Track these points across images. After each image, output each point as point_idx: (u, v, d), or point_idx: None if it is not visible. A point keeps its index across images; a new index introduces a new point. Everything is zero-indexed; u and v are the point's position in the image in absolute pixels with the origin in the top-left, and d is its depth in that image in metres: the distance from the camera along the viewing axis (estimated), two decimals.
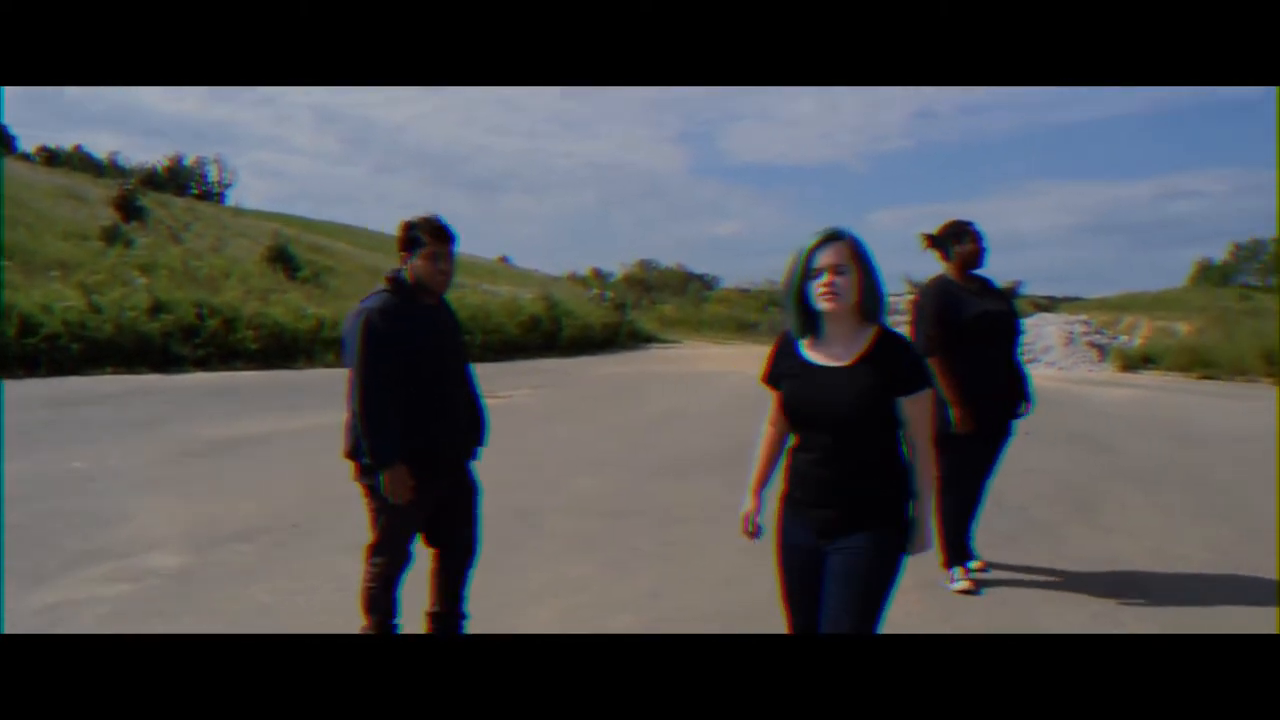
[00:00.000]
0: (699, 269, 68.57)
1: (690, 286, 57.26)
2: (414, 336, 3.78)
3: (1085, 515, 7.13)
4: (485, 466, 4.20)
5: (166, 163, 63.84)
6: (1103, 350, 24.44)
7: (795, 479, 2.96)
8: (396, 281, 3.86)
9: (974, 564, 5.59)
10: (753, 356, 24.86)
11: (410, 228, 3.83)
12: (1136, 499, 7.73)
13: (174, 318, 16.46)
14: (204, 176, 64.34)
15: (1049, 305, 53.77)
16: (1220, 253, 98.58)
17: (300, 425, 10.41)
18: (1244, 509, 7.43)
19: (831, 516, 2.86)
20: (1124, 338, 29.75)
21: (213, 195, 60.54)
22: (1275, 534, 6.47)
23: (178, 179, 60.25)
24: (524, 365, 20.01)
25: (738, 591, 5.23)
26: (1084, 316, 31.21)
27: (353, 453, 3.87)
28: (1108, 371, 22.30)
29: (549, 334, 24.10)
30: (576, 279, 56.21)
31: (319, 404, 12.26)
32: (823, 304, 2.81)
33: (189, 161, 64.92)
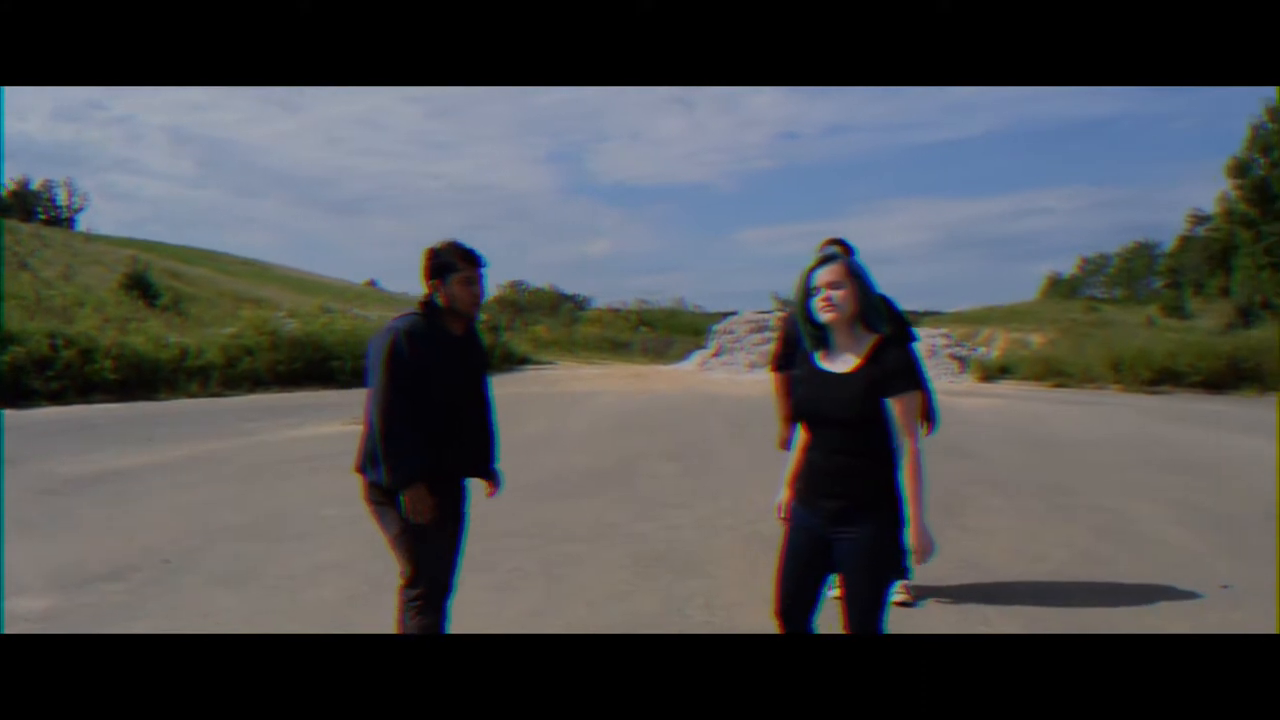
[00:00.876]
0: (571, 289, 68.56)
1: (563, 307, 57.18)
2: (438, 362, 3.73)
3: (950, 519, 7.43)
4: (354, 496, 4.15)
5: (11, 186, 60.84)
6: (963, 362, 25.39)
7: (805, 472, 3.32)
8: (429, 305, 3.82)
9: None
10: (627, 376, 25.02)
11: (438, 254, 3.78)
12: (997, 502, 8.10)
13: (25, 350, 15.72)
14: (52, 200, 61.50)
15: (912, 319, 55.39)
16: (1069, 267, 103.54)
17: (165, 458, 10.08)
18: (1096, 510, 7.87)
19: (837, 506, 3.17)
20: (982, 349, 31.00)
21: (62, 220, 57.95)
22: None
23: (24, 203, 57.41)
24: None
25: (623, 607, 5.30)
26: (944, 330, 32.34)
27: (364, 468, 3.76)
28: (968, 382, 23.21)
29: None
30: None
31: (183, 435, 11.91)
32: (824, 316, 3.20)
33: (36, 185, 61.99)
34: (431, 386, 3.71)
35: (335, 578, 5.81)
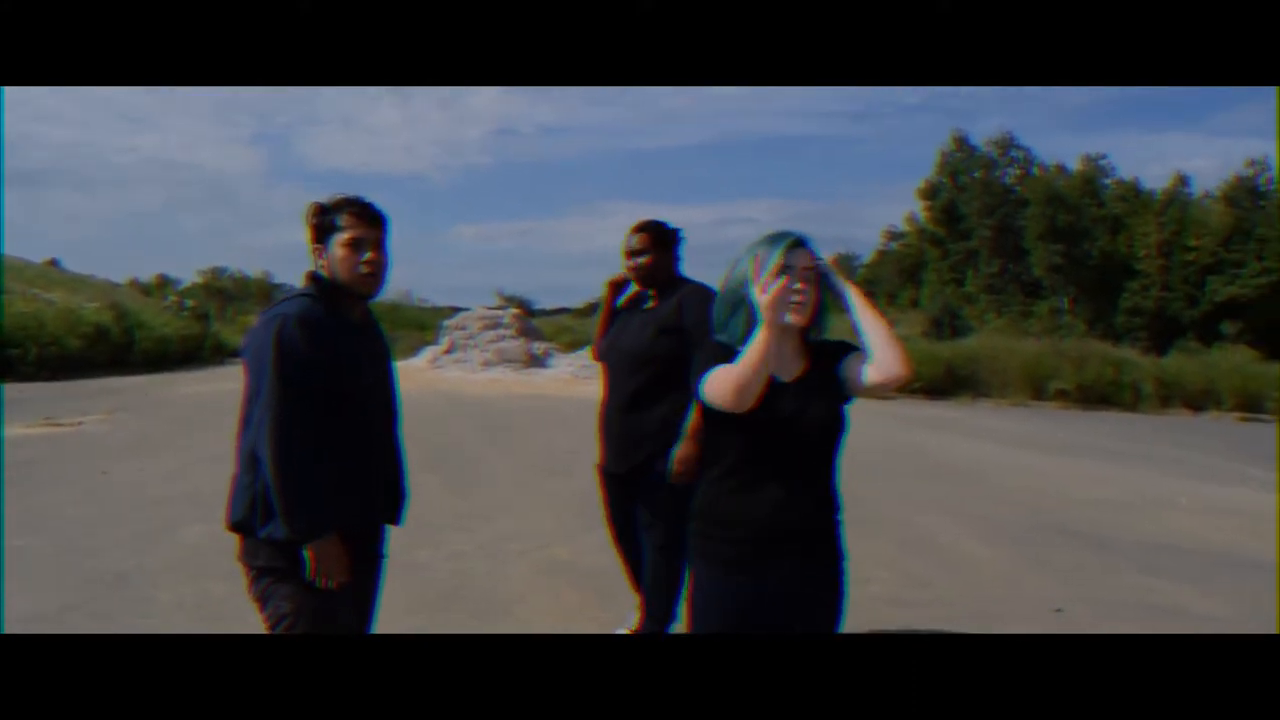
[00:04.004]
0: (283, 278, 64.55)
1: (275, 296, 53.88)
2: (341, 360, 2.72)
3: None
4: (54, 521, 3.02)
5: None
6: None
7: (748, 530, 2.40)
8: (319, 282, 2.78)
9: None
10: None
11: (322, 211, 2.79)
12: None
13: None
14: None
15: None
16: None
17: None
18: (893, 523, 7.63)
19: (793, 567, 2.40)
20: None
21: None
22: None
23: None
24: (91, 385, 17.39)
25: None
26: None
27: (245, 523, 2.72)
28: None
29: (119, 348, 21.32)
30: (140, 286, 51.31)
31: None
32: (791, 316, 2.35)
33: None
34: (336, 395, 2.71)
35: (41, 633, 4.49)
